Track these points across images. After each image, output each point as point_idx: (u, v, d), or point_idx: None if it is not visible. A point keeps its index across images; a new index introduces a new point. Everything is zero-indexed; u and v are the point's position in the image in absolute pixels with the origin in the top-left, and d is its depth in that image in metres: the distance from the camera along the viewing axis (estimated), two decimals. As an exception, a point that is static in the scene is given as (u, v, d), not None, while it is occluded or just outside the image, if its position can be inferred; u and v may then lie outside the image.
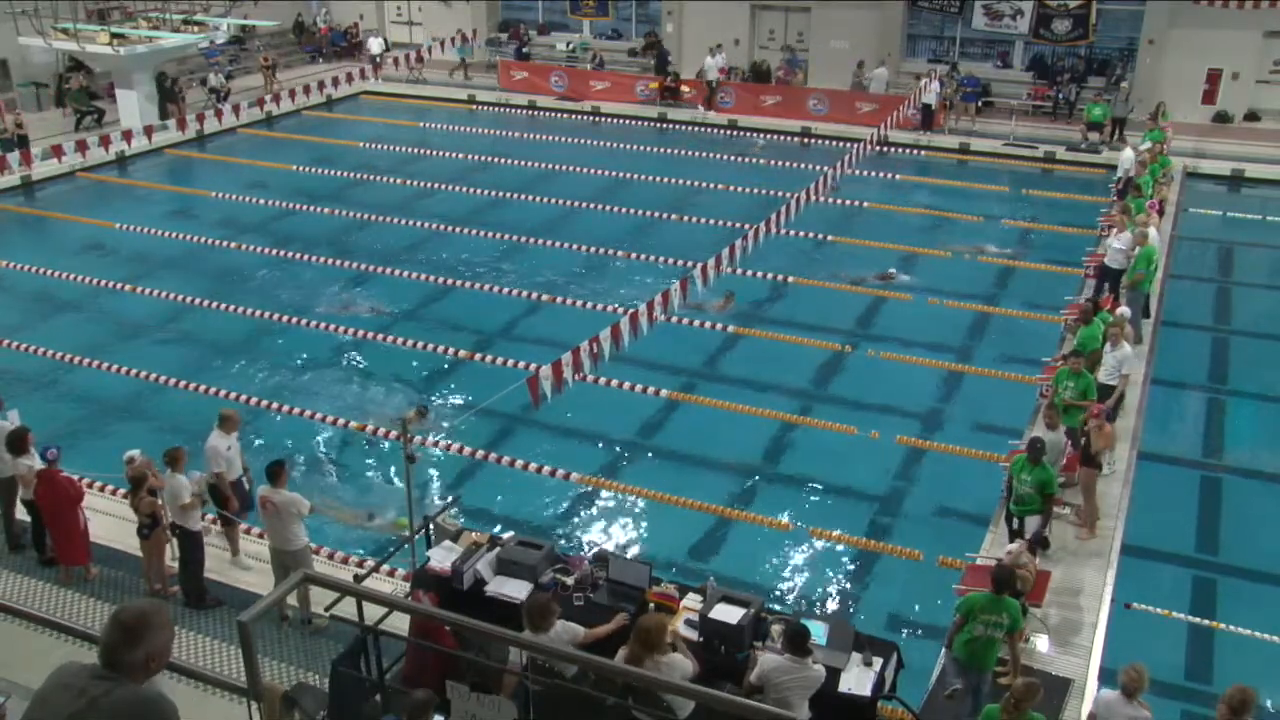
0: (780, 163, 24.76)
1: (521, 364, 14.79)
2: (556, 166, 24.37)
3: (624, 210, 21.52)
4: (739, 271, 17.11)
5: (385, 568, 9.60)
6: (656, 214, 21.32)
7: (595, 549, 9.98)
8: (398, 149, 26.23)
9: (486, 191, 22.73)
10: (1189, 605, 10.63)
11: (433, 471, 12.64)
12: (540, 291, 17.50)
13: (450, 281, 18.00)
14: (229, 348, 15.92)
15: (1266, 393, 14.75)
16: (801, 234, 19.59)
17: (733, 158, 25.25)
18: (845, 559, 11.30)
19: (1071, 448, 11.15)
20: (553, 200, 22.12)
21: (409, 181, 23.51)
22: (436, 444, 13.06)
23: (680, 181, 23.35)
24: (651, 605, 8.47)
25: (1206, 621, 10.32)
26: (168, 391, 14.38)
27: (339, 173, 24.01)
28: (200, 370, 14.97)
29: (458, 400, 14.40)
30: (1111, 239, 15.59)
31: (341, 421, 13.60)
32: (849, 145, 22.19)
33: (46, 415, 13.10)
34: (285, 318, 16.61)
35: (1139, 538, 11.15)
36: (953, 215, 21.12)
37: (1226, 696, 7.04)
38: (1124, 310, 13.71)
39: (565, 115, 29.23)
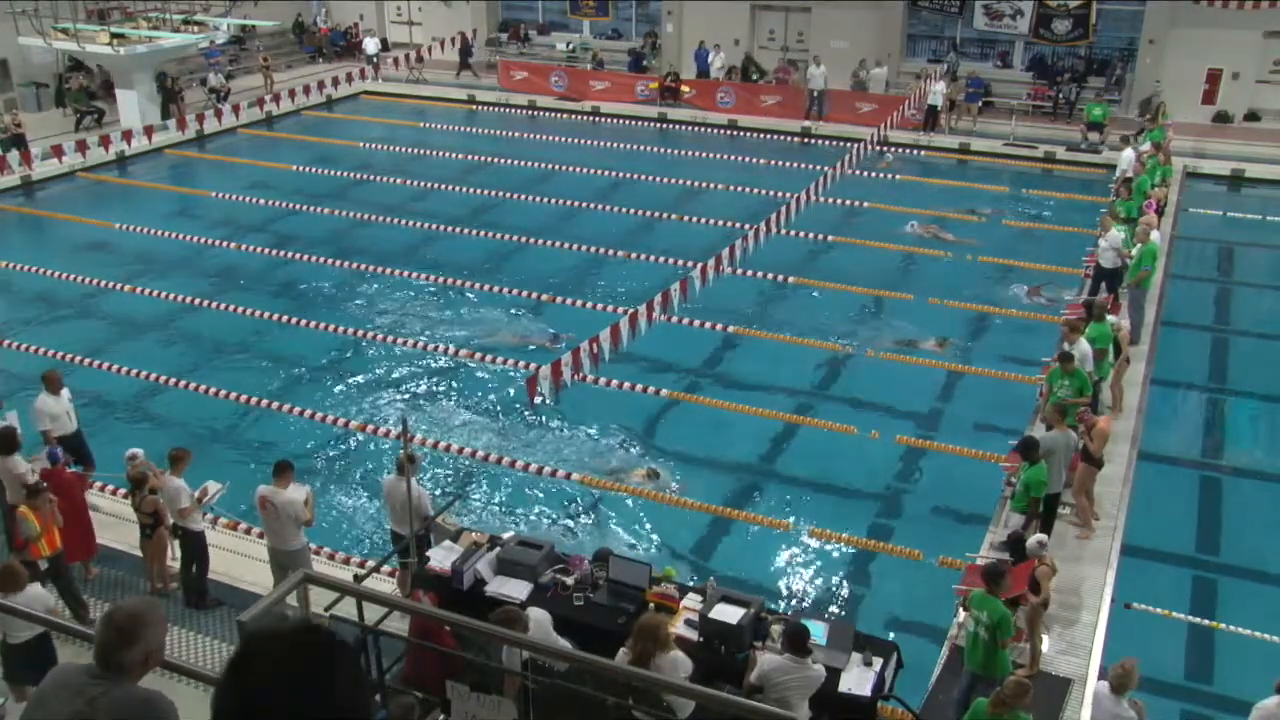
0: (780, 163, 24.77)
1: (521, 364, 14.82)
2: (556, 166, 24.37)
3: (624, 210, 21.52)
4: (739, 271, 17.11)
5: (385, 568, 9.60)
6: (656, 214, 21.32)
7: (596, 549, 9.97)
8: (398, 149, 26.23)
9: (486, 191, 22.73)
10: (1189, 605, 10.64)
11: (433, 471, 12.63)
12: (540, 291, 17.50)
13: (450, 281, 18.00)
14: (229, 348, 15.93)
15: (1266, 393, 14.75)
16: (801, 234, 19.60)
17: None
18: (845, 559, 11.30)
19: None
20: (553, 200, 22.12)
21: (409, 181, 23.50)
22: (436, 444, 13.06)
23: (680, 181, 23.35)
24: (651, 605, 8.48)
25: (1206, 621, 10.32)
26: (168, 391, 14.39)
27: (339, 173, 24.00)
28: (200, 370, 14.98)
29: (458, 400, 14.40)
30: (1101, 239, 15.61)
31: (341, 421, 13.60)
32: (849, 145, 22.20)
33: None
34: (285, 318, 16.61)
35: (1139, 538, 11.15)
36: (953, 215, 21.10)
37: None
38: (1115, 318, 13.73)
39: (565, 115, 29.23)
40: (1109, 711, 7.33)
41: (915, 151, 25.39)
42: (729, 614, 8.12)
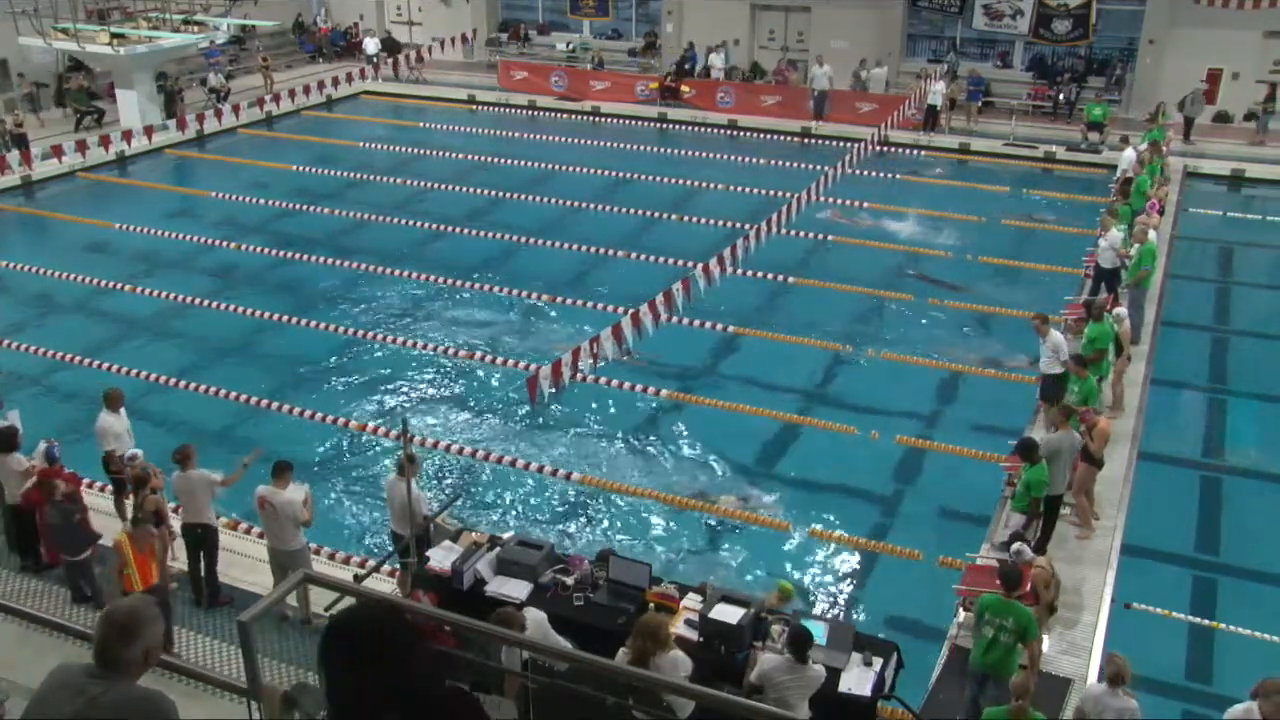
0: (780, 163, 24.77)
1: (522, 364, 14.82)
2: (556, 166, 24.36)
3: (624, 210, 21.52)
4: (739, 271, 17.10)
5: (385, 568, 9.61)
6: (656, 214, 21.31)
7: (598, 549, 9.97)
8: (398, 149, 26.23)
9: (486, 191, 22.73)
10: (1189, 605, 10.63)
11: (433, 471, 12.63)
12: (540, 291, 17.49)
13: (450, 281, 18.00)
14: (229, 348, 15.93)
15: (1266, 393, 14.75)
16: (802, 234, 19.60)
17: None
18: (845, 559, 11.30)
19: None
20: (553, 200, 22.11)
21: (409, 181, 23.51)
22: (436, 444, 13.06)
23: (680, 181, 23.35)
24: (651, 605, 8.48)
25: (1206, 621, 10.32)
26: (168, 391, 14.38)
27: (339, 173, 24.00)
28: (200, 370, 14.97)
29: (458, 400, 14.40)
30: (1101, 239, 15.63)
31: (341, 421, 13.60)
32: (849, 145, 22.20)
33: (46, 415, 13.10)
34: (285, 318, 16.61)
35: (1139, 538, 11.15)
36: (953, 215, 21.10)
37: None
38: (1120, 311, 13.73)
39: (565, 115, 29.23)
40: (1109, 705, 7.34)
41: (915, 152, 25.39)
42: (729, 614, 8.12)
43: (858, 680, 7.83)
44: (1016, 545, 9.32)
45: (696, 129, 27.99)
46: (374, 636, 2.52)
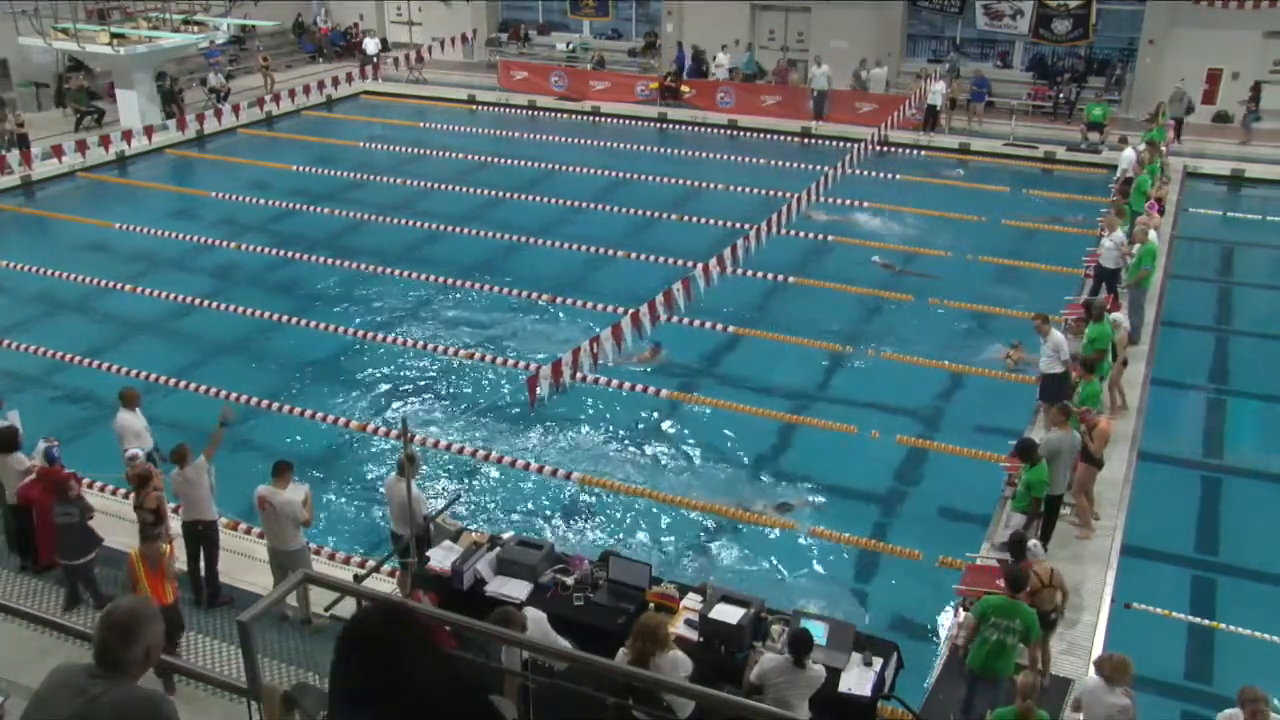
0: (780, 163, 24.77)
1: (522, 364, 14.82)
2: (556, 166, 24.37)
3: (624, 210, 21.52)
4: (739, 271, 17.09)
5: (385, 568, 9.61)
6: (656, 214, 21.31)
7: (598, 549, 9.97)
8: (398, 149, 26.23)
9: (486, 191, 22.73)
10: (1189, 605, 10.64)
11: (432, 471, 12.63)
12: (540, 291, 17.49)
13: (450, 281, 18.00)
14: (229, 348, 15.93)
15: (1266, 393, 14.75)
16: (802, 234, 19.60)
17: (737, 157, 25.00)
18: (845, 559, 11.30)
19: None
20: (553, 200, 22.11)
21: (409, 181, 23.50)
22: (436, 444, 13.06)
23: (680, 181, 23.35)
24: (651, 605, 8.48)
25: (1206, 621, 10.32)
26: (168, 391, 14.38)
27: (339, 173, 24.00)
28: (200, 370, 14.97)
29: (458, 400, 14.40)
30: (1104, 238, 15.63)
31: (341, 421, 13.61)
32: (849, 145, 22.19)
33: (46, 415, 13.10)
34: (285, 318, 16.61)
35: (1139, 538, 11.15)
36: (952, 215, 21.10)
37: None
38: (1119, 316, 13.72)
39: (565, 115, 29.23)
40: (1104, 702, 7.34)
41: (915, 152, 25.38)
42: (729, 614, 8.12)
43: (858, 680, 7.83)
44: (1032, 543, 9.31)
45: (696, 129, 27.99)
46: (383, 638, 2.54)
